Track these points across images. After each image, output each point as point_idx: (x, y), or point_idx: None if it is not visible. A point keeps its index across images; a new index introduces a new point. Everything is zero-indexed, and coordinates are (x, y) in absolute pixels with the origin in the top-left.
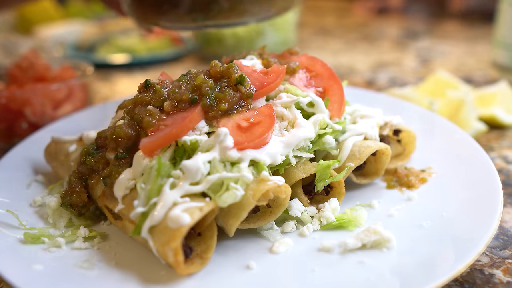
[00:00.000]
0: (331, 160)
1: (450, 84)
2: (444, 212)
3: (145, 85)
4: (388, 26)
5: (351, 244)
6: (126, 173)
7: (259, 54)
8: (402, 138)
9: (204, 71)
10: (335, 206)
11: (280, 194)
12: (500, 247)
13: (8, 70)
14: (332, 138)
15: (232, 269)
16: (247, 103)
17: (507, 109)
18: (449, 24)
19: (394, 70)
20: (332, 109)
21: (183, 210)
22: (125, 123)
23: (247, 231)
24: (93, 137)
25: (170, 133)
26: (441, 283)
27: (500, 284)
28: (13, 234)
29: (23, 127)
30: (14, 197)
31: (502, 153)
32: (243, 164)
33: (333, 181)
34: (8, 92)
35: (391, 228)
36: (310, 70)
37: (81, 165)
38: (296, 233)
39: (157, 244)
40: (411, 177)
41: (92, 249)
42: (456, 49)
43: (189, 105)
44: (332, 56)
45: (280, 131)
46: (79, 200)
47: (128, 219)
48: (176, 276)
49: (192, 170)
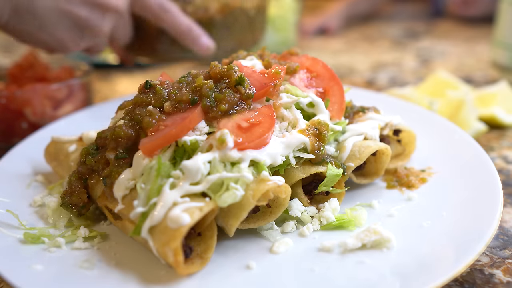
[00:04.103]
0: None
1: (450, 84)
2: (444, 212)
3: (145, 86)
4: (388, 26)
5: (351, 244)
6: (126, 173)
7: (259, 55)
8: (402, 138)
9: (204, 72)
10: (335, 206)
11: (280, 194)
12: (500, 247)
13: (8, 70)
14: (333, 148)
15: (232, 269)
16: (247, 103)
17: (507, 109)
18: (449, 24)
19: (394, 70)
20: (332, 110)
21: (183, 210)
22: (125, 124)
23: (247, 231)
24: (93, 137)
25: (170, 133)
26: (441, 283)
27: (500, 284)
28: (13, 234)
29: (23, 127)
30: (14, 197)
31: (502, 153)
32: (243, 164)
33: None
34: (8, 92)
35: (391, 228)
36: (311, 70)
37: (81, 165)
38: (296, 233)
39: (157, 244)
40: (411, 177)
41: (92, 249)
42: (456, 49)
43: (189, 106)
44: (332, 56)
45: (280, 131)
46: (79, 201)
47: (128, 219)
48: (176, 276)
49: (192, 170)
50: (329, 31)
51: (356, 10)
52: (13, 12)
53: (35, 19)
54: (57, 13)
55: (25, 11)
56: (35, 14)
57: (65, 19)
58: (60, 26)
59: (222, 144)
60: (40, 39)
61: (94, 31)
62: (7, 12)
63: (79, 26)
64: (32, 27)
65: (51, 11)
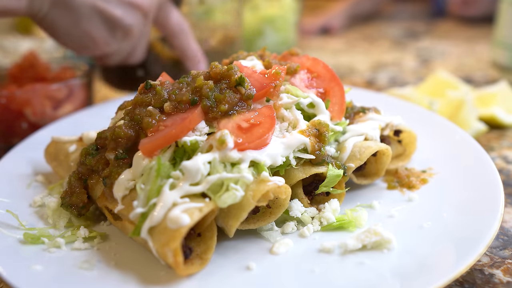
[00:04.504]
0: (340, 170)
1: (450, 84)
2: (445, 213)
3: (145, 86)
4: (388, 26)
5: (351, 245)
6: (125, 174)
7: (260, 55)
8: (403, 139)
9: (205, 72)
10: (336, 207)
11: (280, 194)
12: (500, 247)
13: (8, 70)
14: (333, 149)
15: (232, 269)
16: (247, 104)
17: (507, 109)
18: (449, 24)
19: (394, 70)
20: (333, 110)
21: (182, 210)
22: (125, 124)
23: (247, 232)
24: (93, 137)
25: (170, 134)
26: (442, 284)
27: (500, 284)
28: (13, 234)
29: (23, 127)
30: (14, 197)
31: (502, 153)
32: (243, 165)
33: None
34: (8, 92)
35: (391, 229)
36: (311, 71)
37: (81, 166)
38: (296, 234)
39: (156, 244)
40: (412, 178)
41: (92, 250)
42: (456, 49)
43: (189, 106)
44: (332, 56)
45: (281, 132)
46: (79, 201)
47: (127, 219)
48: (176, 277)
49: (192, 171)
50: (332, 30)
51: (359, 9)
52: (52, 5)
53: (71, 14)
54: (93, 10)
55: (63, 5)
56: (72, 8)
57: (100, 17)
58: (94, 24)
59: (222, 145)
60: (73, 36)
61: (125, 31)
62: (46, 5)
63: (112, 26)
64: (68, 22)
65: (87, 7)
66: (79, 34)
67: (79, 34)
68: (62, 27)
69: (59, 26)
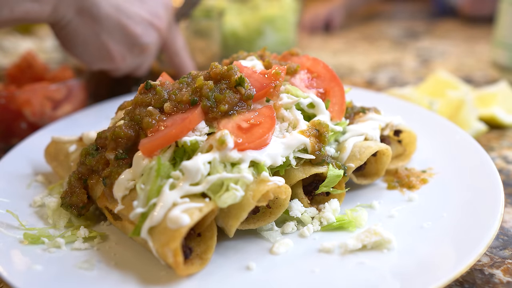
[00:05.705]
0: (340, 170)
1: (450, 84)
2: (445, 213)
3: (145, 86)
4: (388, 26)
5: (351, 245)
6: (125, 174)
7: (260, 55)
8: (403, 139)
9: (204, 73)
10: (336, 207)
11: (280, 194)
12: (500, 247)
13: (7, 70)
14: (333, 149)
15: (232, 269)
16: (247, 104)
17: (507, 109)
18: (449, 24)
19: (394, 70)
20: (333, 110)
21: (182, 210)
22: (125, 124)
23: (247, 232)
24: (93, 137)
25: (170, 134)
26: (442, 285)
27: (500, 284)
28: (13, 234)
29: (23, 127)
30: (14, 197)
31: (502, 153)
32: (243, 165)
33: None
34: (7, 92)
35: (391, 229)
36: (311, 71)
37: (81, 166)
38: (296, 234)
39: (156, 244)
40: (412, 178)
41: (91, 250)
42: (456, 49)
43: (189, 106)
44: (332, 56)
45: (281, 132)
46: (79, 201)
47: (127, 219)
48: (176, 277)
49: (192, 171)
50: (332, 25)
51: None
52: (77, 13)
53: (94, 25)
54: (116, 23)
55: (88, 15)
56: (96, 19)
57: (121, 31)
58: (114, 37)
59: (222, 145)
60: (91, 47)
61: (142, 48)
62: (71, 13)
63: (130, 41)
64: (89, 32)
65: (111, 20)
66: (98, 46)
67: (97, 45)
68: (81, 37)
69: (78, 36)
